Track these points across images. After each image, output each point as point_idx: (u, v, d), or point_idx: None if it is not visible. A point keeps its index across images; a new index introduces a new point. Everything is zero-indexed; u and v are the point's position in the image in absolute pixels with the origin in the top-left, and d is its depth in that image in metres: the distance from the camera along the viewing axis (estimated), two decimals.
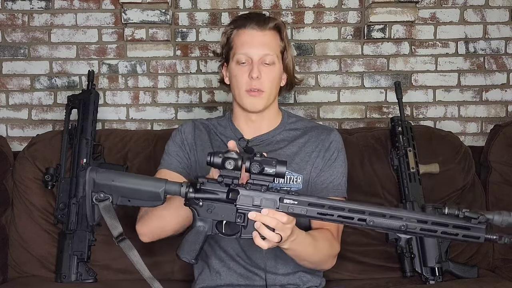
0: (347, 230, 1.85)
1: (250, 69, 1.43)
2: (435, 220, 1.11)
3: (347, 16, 2.38)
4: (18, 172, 1.93)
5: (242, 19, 1.48)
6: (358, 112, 2.39)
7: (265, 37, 1.45)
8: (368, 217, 1.12)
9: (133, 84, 2.38)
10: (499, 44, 2.39)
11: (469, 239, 1.11)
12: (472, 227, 1.10)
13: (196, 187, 1.18)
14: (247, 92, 1.45)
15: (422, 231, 1.12)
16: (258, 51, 1.44)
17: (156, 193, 1.16)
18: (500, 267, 1.92)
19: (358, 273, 1.86)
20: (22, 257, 1.88)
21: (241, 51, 1.44)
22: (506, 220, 1.07)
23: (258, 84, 1.43)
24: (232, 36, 1.48)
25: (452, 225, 1.11)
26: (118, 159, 1.95)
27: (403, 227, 1.11)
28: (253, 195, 1.16)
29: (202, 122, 1.60)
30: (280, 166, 1.14)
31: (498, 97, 2.40)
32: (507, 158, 1.98)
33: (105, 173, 1.18)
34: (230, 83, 1.51)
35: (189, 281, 1.71)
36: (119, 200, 1.17)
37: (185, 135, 1.55)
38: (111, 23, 2.37)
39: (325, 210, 1.14)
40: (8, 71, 2.37)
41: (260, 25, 1.45)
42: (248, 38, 1.45)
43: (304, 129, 1.55)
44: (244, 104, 1.47)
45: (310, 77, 2.39)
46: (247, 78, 1.44)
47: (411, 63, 2.39)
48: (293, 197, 1.16)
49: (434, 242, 1.79)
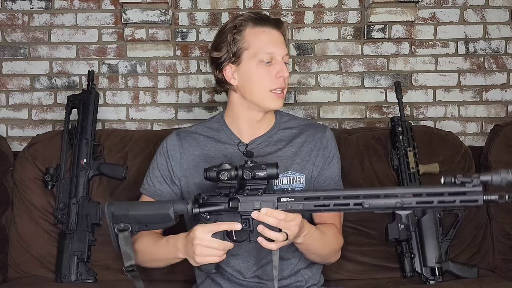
0: (347, 230, 1.85)
1: (278, 69, 1.41)
2: (430, 191, 1.11)
3: (347, 16, 2.38)
4: (18, 172, 1.93)
5: (254, 19, 1.43)
6: (358, 112, 2.39)
7: (281, 37, 1.46)
8: (363, 200, 1.14)
9: (133, 84, 2.38)
10: (499, 44, 2.39)
11: (467, 204, 1.09)
12: (468, 191, 1.08)
13: (200, 202, 1.25)
14: (272, 92, 1.42)
15: (418, 204, 1.11)
16: (282, 50, 1.43)
17: (167, 214, 1.26)
18: (500, 267, 1.92)
19: (358, 273, 1.86)
20: (22, 257, 1.88)
21: (265, 50, 1.41)
22: (505, 177, 1.04)
23: (284, 84, 1.44)
24: (244, 35, 1.42)
25: (448, 193, 1.09)
26: (118, 159, 1.95)
27: (399, 203, 1.11)
28: (252, 199, 1.23)
29: (188, 131, 1.56)
30: (270, 168, 1.21)
31: (498, 97, 2.40)
32: (507, 158, 1.97)
33: (121, 205, 1.30)
34: (244, 83, 1.44)
35: (189, 281, 1.71)
36: (137, 227, 1.28)
37: (169, 154, 1.52)
38: (111, 23, 2.37)
39: (321, 201, 1.17)
40: (8, 71, 2.37)
41: (276, 25, 1.45)
42: (270, 37, 1.43)
43: (299, 128, 1.54)
44: (268, 104, 1.44)
45: (310, 77, 2.39)
46: (274, 78, 1.41)
47: (411, 63, 2.39)
48: (289, 195, 1.21)
49: (434, 242, 1.79)
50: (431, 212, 1.81)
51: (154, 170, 1.54)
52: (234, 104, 1.50)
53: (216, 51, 1.46)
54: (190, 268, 1.78)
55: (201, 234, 1.23)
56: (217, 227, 1.23)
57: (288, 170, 1.47)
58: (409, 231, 1.81)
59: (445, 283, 1.75)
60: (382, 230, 1.85)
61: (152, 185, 1.53)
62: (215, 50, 1.46)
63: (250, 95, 1.44)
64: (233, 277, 1.47)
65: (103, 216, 1.31)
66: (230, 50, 1.43)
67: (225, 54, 1.43)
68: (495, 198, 1.06)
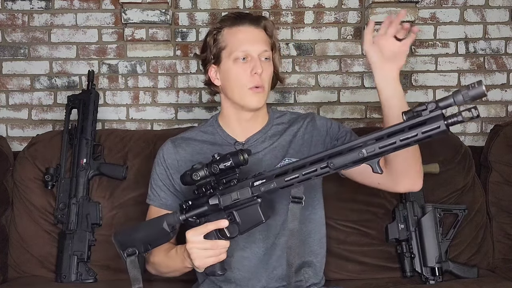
0: (347, 230, 1.86)
1: (252, 66, 1.41)
2: (389, 131, 1.04)
3: (347, 16, 2.38)
4: (18, 172, 1.93)
5: (232, 19, 1.46)
6: (358, 112, 2.39)
7: (261, 33, 1.46)
8: (328, 161, 1.10)
9: (133, 84, 2.38)
10: (499, 44, 2.39)
11: (431, 133, 1.00)
12: (427, 120, 0.99)
13: (185, 209, 1.27)
14: (251, 90, 1.42)
15: (382, 149, 1.04)
16: (257, 47, 1.43)
17: (162, 229, 1.28)
18: (500, 267, 1.92)
19: (358, 273, 1.86)
20: (22, 257, 1.88)
21: (240, 48, 1.42)
22: (466, 94, 0.95)
23: (261, 81, 1.43)
24: (222, 35, 1.45)
25: (408, 127, 1.02)
26: (118, 159, 1.95)
27: (362, 154, 1.06)
28: (229, 191, 1.23)
29: (182, 137, 1.56)
30: (235, 156, 1.21)
31: (498, 97, 2.40)
32: (507, 158, 1.98)
33: (124, 231, 1.34)
34: (225, 83, 1.46)
35: (189, 281, 1.71)
36: (142, 249, 1.30)
37: (167, 163, 1.52)
38: (111, 23, 2.37)
39: (290, 174, 1.15)
40: (8, 71, 2.37)
41: (253, 22, 1.45)
42: (246, 35, 1.43)
43: (289, 121, 1.55)
44: (248, 102, 1.44)
45: (310, 77, 2.39)
46: (249, 75, 1.42)
47: (411, 63, 2.39)
48: (260, 177, 1.20)
49: (434, 242, 1.79)
50: (431, 212, 1.81)
51: (156, 180, 1.54)
52: (224, 105, 1.52)
53: (201, 52, 1.52)
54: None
55: (192, 237, 1.24)
56: (206, 228, 1.23)
57: (285, 157, 1.48)
58: (409, 231, 1.82)
59: (445, 283, 1.75)
60: (382, 230, 1.85)
61: (157, 194, 1.53)
62: (201, 52, 1.52)
63: (231, 94, 1.46)
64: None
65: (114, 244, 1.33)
66: (211, 52, 1.47)
67: (208, 55, 1.48)
68: (458, 119, 0.98)
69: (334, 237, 1.83)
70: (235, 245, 1.44)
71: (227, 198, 1.22)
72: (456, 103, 0.98)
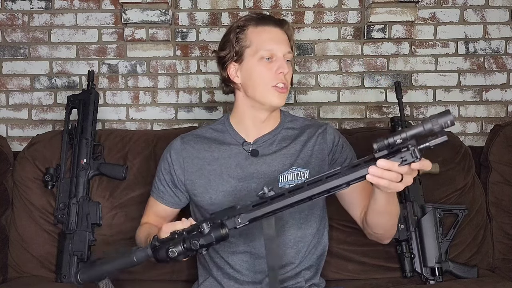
0: (347, 230, 1.86)
1: (278, 65, 1.43)
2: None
3: (347, 16, 2.38)
4: (18, 172, 1.93)
5: (256, 19, 1.47)
6: (358, 112, 2.39)
7: (285, 35, 1.48)
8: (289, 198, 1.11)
9: (133, 84, 2.38)
10: (499, 44, 2.39)
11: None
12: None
13: (156, 248, 1.15)
14: (274, 88, 1.44)
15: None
16: (283, 48, 1.45)
17: (132, 260, 1.19)
18: (500, 267, 1.92)
19: (358, 273, 1.86)
20: (22, 257, 1.88)
21: (266, 47, 1.43)
22: (436, 122, 0.99)
23: (285, 80, 1.45)
24: (246, 34, 1.46)
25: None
26: (118, 159, 1.95)
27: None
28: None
29: (193, 134, 1.58)
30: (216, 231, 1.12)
31: (498, 97, 2.40)
32: (507, 158, 1.98)
33: (92, 269, 1.23)
34: (247, 81, 1.47)
35: (189, 281, 1.71)
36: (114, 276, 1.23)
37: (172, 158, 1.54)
38: (111, 23, 2.37)
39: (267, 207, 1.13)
40: (8, 71, 2.37)
41: (278, 24, 1.48)
42: (271, 35, 1.45)
43: (301, 128, 1.56)
44: (270, 100, 1.45)
45: (310, 77, 2.39)
46: (274, 74, 1.43)
47: (411, 63, 2.39)
48: (240, 216, 1.14)
49: (434, 242, 1.79)
50: (431, 212, 1.81)
51: (159, 173, 1.59)
52: (239, 104, 1.52)
53: (221, 50, 1.51)
54: (191, 267, 1.79)
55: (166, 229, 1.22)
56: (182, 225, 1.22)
57: (292, 166, 1.48)
58: (409, 231, 1.82)
59: (445, 283, 1.76)
60: None
61: (157, 186, 1.59)
62: (220, 50, 1.51)
63: (253, 92, 1.46)
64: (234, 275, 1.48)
65: None
66: (233, 49, 1.47)
67: (229, 53, 1.48)
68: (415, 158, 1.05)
69: (334, 237, 1.83)
70: (236, 242, 1.46)
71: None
72: (426, 131, 1.01)
